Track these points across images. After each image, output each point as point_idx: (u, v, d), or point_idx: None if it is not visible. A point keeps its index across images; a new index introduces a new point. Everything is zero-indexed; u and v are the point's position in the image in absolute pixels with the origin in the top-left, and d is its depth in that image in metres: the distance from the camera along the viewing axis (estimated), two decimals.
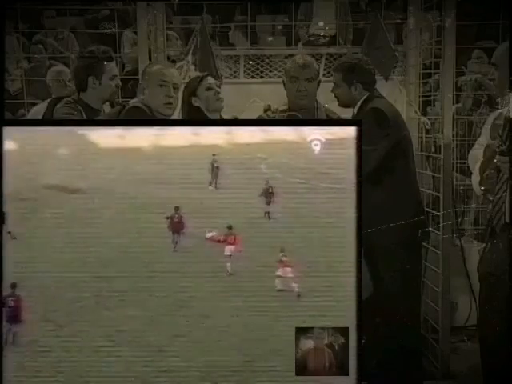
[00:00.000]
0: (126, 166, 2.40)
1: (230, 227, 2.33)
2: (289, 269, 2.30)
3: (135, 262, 2.37)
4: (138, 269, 2.36)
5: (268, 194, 2.34)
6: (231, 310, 2.34)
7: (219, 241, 2.33)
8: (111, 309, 2.35)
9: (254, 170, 2.37)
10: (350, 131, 2.32)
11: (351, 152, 2.32)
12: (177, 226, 2.32)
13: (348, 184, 2.32)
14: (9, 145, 2.33)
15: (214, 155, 2.35)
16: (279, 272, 2.31)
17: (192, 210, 2.36)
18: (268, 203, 2.34)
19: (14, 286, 2.25)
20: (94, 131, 2.41)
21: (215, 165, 2.36)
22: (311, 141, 2.35)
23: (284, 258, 2.30)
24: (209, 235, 2.34)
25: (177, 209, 2.33)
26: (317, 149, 2.35)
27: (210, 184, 2.37)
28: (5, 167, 2.32)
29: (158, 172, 2.39)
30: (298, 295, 2.31)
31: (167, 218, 2.33)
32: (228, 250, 2.33)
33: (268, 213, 2.34)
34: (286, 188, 2.38)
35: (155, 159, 2.39)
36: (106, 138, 2.40)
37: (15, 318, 2.23)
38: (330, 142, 2.35)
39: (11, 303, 2.22)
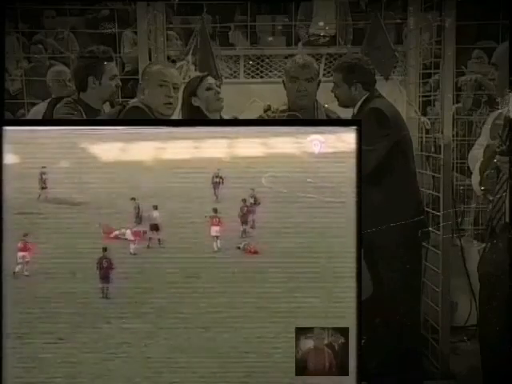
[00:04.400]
0: (127, 179, 2.41)
1: (215, 210, 2.41)
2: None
3: (136, 275, 2.38)
4: (139, 282, 2.37)
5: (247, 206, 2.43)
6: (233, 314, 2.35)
7: (251, 252, 2.39)
8: (112, 322, 2.35)
9: (254, 184, 2.39)
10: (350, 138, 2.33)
11: (351, 153, 2.33)
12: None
13: (348, 185, 2.32)
14: (9, 159, 2.34)
15: (218, 170, 2.40)
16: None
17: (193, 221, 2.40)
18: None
19: (105, 249, 2.38)
20: (96, 144, 2.42)
21: (215, 180, 2.41)
22: (312, 143, 2.37)
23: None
24: (241, 245, 2.41)
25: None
26: (317, 149, 2.36)
27: (213, 196, 2.42)
28: (5, 178, 2.33)
29: (160, 185, 2.41)
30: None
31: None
32: (214, 230, 2.41)
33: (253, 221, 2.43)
34: (284, 195, 2.40)
35: (157, 172, 2.41)
36: (108, 151, 2.41)
37: (107, 277, 2.37)
38: (330, 152, 2.37)
39: (105, 264, 2.37)
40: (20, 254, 2.37)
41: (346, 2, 5.20)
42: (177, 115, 3.50)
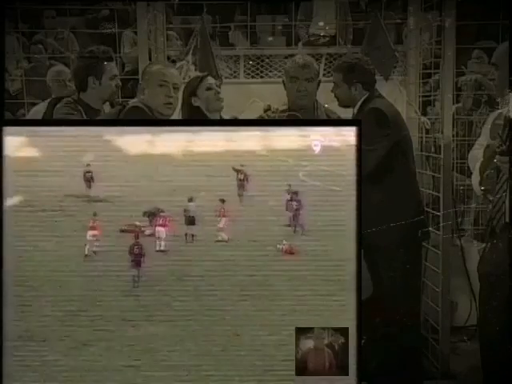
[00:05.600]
0: (152, 174, 2.34)
1: (222, 200, 2.36)
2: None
3: (162, 276, 2.29)
4: (165, 284, 2.28)
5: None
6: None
7: (289, 252, 2.35)
8: (137, 326, 2.27)
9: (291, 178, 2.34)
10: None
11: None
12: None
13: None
14: (27, 151, 2.30)
15: (242, 166, 2.35)
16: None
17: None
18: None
19: (137, 236, 2.32)
20: (120, 137, 2.36)
21: (240, 176, 2.36)
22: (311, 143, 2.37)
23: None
24: (279, 246, 2.36)
25: None
26: (317, 149, 2.36)
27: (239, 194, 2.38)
28: (21, 174, 2.28)
29: (187, 180, 2.34)
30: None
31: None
32: (222, 222, 2.36)
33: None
34: None
35: (184, 166, 2.33)
36: (133, 144, 2.35)
37: (138, 263, 2.31)
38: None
39: (136, 250, 2.32)
40: (90, 232, 2.31)
41: (346, 2, 5.20)
42: (177, 115, 3.50)
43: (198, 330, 2.28)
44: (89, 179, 2.33)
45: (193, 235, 2.35)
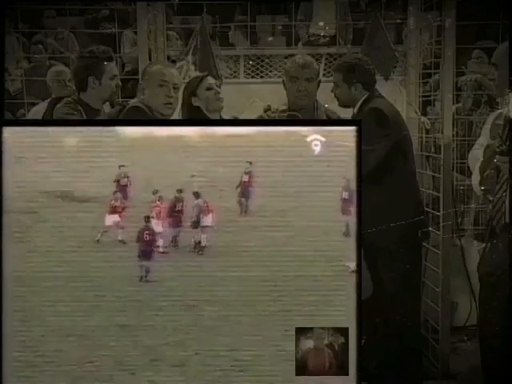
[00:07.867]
0: (147, 167, 2.13)
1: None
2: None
3: (169, 296, 1.90)
4: (176, 312, 1.89)
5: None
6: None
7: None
8: (138, 372, 1.80)
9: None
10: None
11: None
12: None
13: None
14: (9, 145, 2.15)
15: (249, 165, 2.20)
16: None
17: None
18: None
19: (147, 218, 2.00)
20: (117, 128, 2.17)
21: (244, 179, 2.20)
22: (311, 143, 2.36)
23: None
24: (348, 264, 2.30)
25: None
26: (317, 149, 2.36)
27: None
28: (5, 171, 2.13)
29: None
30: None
31: None
32: (206, 220, 2.09)
33: None
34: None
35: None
36: (131, 134, 2.17)
37: (148, 253, 1.97)
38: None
39: (147, 237, 1.98)
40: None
41: (345, 2, 5.20)
42: (177, 115, 3.50)
43: (217, 376, 1.98)
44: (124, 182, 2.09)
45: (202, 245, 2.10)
